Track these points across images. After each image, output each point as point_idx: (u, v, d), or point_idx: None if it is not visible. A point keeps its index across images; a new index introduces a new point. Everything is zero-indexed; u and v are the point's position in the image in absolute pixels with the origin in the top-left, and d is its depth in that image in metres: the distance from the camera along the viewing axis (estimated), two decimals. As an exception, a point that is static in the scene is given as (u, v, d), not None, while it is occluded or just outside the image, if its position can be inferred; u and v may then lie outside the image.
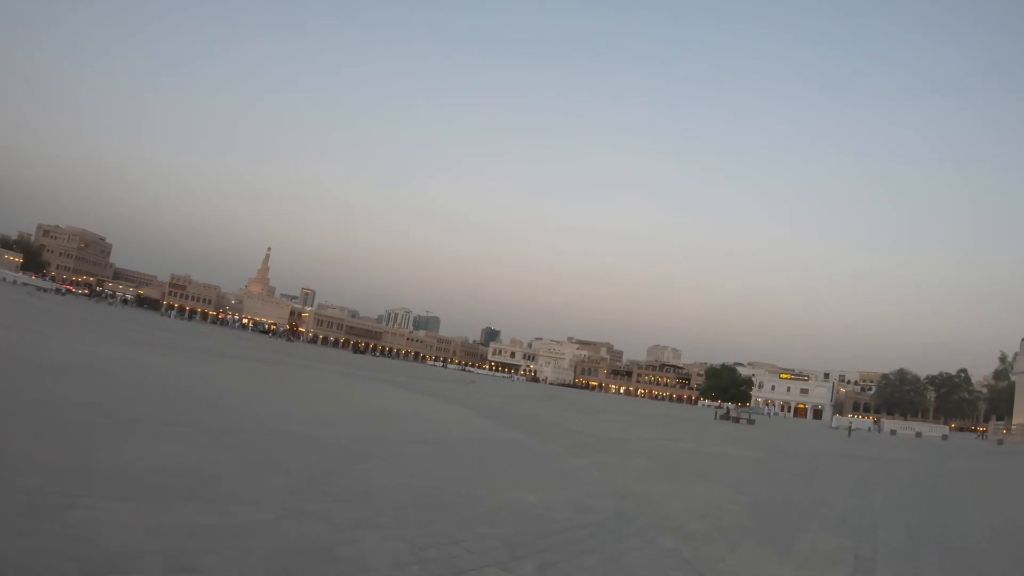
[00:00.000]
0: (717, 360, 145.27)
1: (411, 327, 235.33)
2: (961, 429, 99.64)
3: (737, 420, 56.22)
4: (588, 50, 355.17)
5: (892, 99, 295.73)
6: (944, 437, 66.48)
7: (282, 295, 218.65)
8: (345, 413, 16.13)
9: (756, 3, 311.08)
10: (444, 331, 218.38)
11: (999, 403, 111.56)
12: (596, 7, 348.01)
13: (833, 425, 78.56)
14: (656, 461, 15.28)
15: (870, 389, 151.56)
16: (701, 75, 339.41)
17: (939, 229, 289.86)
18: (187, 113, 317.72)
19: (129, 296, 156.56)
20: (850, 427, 60.00)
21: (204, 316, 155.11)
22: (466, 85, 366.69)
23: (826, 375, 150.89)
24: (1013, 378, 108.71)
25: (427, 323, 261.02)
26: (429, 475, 8.89)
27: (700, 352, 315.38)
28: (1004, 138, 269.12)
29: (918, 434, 68.54)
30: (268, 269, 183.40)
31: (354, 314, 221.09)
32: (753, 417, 61.99)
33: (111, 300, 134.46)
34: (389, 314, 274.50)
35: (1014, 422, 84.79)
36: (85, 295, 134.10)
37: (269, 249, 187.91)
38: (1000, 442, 60.38)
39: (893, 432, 69.97)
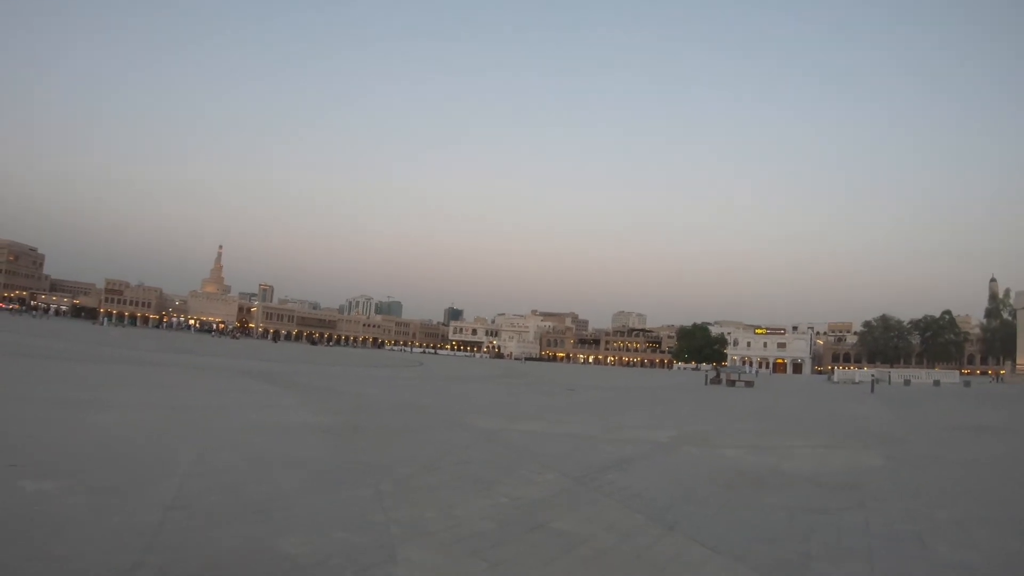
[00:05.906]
0: (683, 322, 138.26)
1: (373, 313, 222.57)
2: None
3: (732, 383, 46.88)
4: (552, 28, 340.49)
5: (863, 74, 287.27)
6: (967, 384, 58.57)
7: (240, 293, 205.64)
8: None
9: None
10: (407, 315, 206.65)
11: (994, 343, 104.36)
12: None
13: (835, 379, 70.17)
14: None
15: (843, 339, 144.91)
16: (648, 44, 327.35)
17: (891, 184, 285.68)
18: (133, 115, 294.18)
19: (64, 307, 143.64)
20: (873, 381, 51.00)
21: (145, 321, 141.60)
22: (419, 68, 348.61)
23: (795, 328, 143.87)
24: (1007, 316, 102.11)
25: (389, 308, 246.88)
26: None
27: (665, 315, 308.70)
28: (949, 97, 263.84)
29: (936, 382, 60.12)
30: (222, 268, 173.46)
31: (315, 306, 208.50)
32: (749, 378, 52.35)
33: (35, 313, 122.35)
34: (350, 303, 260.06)
35: (1019, 362, 77.77)
36: (13, 310, 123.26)
37: (221, 247, 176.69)
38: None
39: (907, 382, 61.59)
